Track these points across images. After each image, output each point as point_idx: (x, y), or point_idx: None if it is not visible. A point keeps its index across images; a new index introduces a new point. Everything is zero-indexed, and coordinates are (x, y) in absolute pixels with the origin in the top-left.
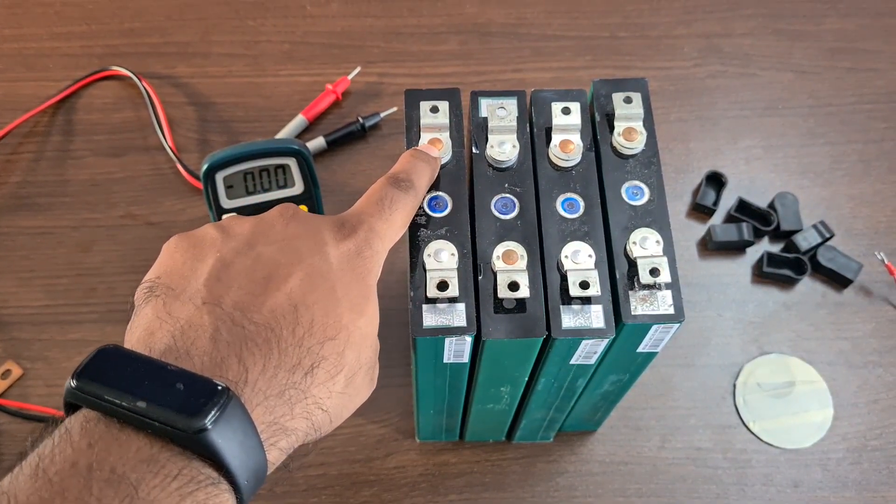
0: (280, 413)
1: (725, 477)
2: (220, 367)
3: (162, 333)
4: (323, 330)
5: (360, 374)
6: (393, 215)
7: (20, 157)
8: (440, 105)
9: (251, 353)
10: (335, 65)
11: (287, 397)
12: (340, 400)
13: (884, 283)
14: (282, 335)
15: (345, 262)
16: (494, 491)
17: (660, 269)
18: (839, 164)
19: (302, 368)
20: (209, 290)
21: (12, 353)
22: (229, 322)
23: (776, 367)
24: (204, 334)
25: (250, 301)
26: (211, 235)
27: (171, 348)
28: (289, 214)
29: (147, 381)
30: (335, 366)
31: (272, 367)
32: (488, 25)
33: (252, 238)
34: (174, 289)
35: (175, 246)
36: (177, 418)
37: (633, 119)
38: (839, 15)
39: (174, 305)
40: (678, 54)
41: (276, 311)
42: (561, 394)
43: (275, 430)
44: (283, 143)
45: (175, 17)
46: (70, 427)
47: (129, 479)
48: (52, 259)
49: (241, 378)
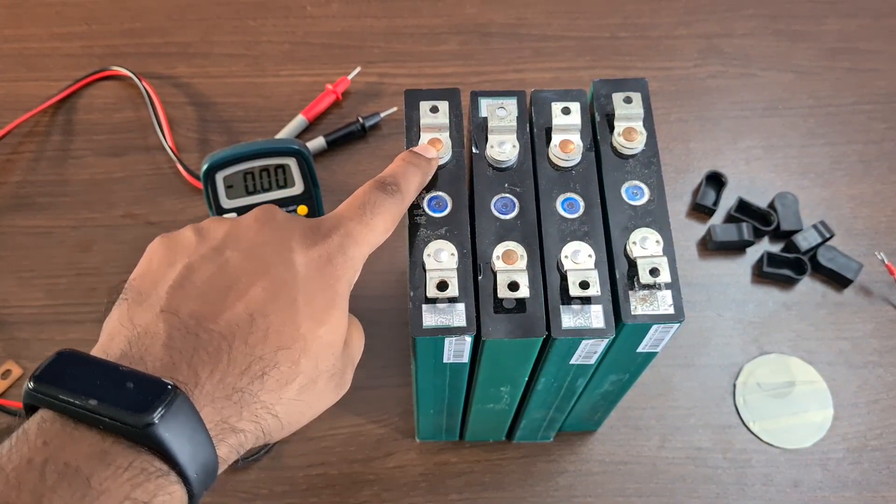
0: (228, 414)
1: (725, 477)
2: (170, 372)
3: (120, 339)
4: (278, 338)
5: (321, 382)
6: (374, 220)
7: (20, 157)
8: (440, 105)
9: (202, 359)
10: (335, 65)
11: (235, 400)
12: (295, 406)
13: (884, 283)
14: (234, 343)
15: (312, 270)
16: (494, 490)
17: (660, 269)
18: (839, 165)
19: (251, 374)
20: (169, 299)
21: (12, 353)
22: (183, 330)
23: (776, 367)
24: (158, 342)
25: (207, 311)
26: (187, 239)
27: (126, 354)
28: (264, 219)
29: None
30: (288, 374)
31: (220, 371)
32: (488, 25)
33: (223, 243)
34: (141, 293)
35: (155, 248)
36: (126, 415)
37: (633, 119)
38: (839, 15)
39: (136, 311)
40: (678, 55)
41: (232, 322)
42: (561, 394)
43: (223, 429)
44: (283, 143)
45: (175, 18)
46: (27, 428)
47: (83, 472)
48: (52, 259)
49: (190, 381)
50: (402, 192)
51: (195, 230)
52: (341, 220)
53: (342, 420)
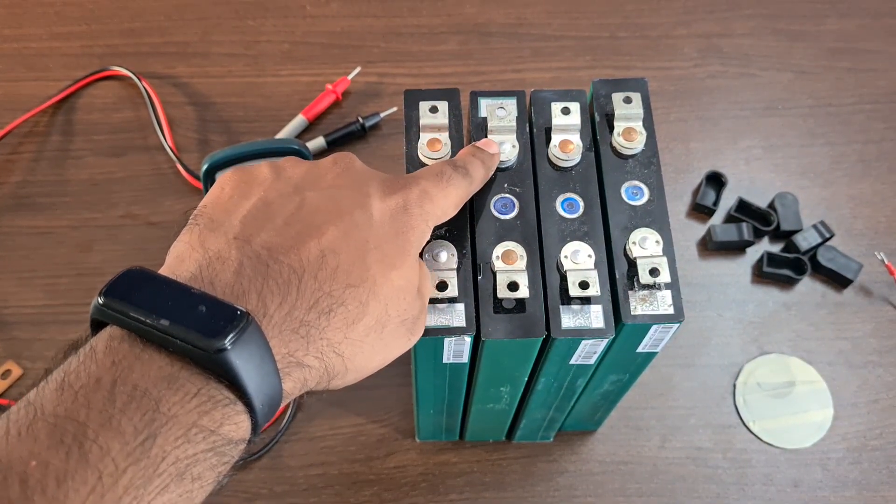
0: (294, 347)
1: (725, 477)
2: (240, 299)
3: (190, 262)
4: (347, 276)
5: (391, 326)
6: (449, 188)
7: (20, 157)
8: (439, 105)
9: (271, 290)
10: (335, 65)
11: (303, 333)
12: (361, 348)
13: (884, 283)
14: (303, 277)
15: (386, 217)
16: (494, 490)
17: (659, 269)
18: (839, 165)
19: (318, 309)
20: (243, 227)
21: (12, 353)
22: (255, 259)
23: (776, 367)
24: (229, 268)
25: (280, 243)
26: (263, 174)
27: (196, 277)
28: (343, 164)
29: (170, 302)
30: (355, 313)
31: (289, 304)
32: (488, 25)
33: (301, 183)
34: (213, 220)
35: (228, 179)
36: (197, 338)
37: (632, 119)
38: (839, 15)
39: (208, 237)
40: (678, 54)
41: (303, 256)
42: (561, 394)
43: (289, 362)
44: (283, 143)
45: (175, 17)
46: (95, 346)
47: (151, 395)
48: (52, 259)
49: (259, 311)
50: (471, 176)
51: (272, 167)
52: (419, 179)
53: (342, 420)
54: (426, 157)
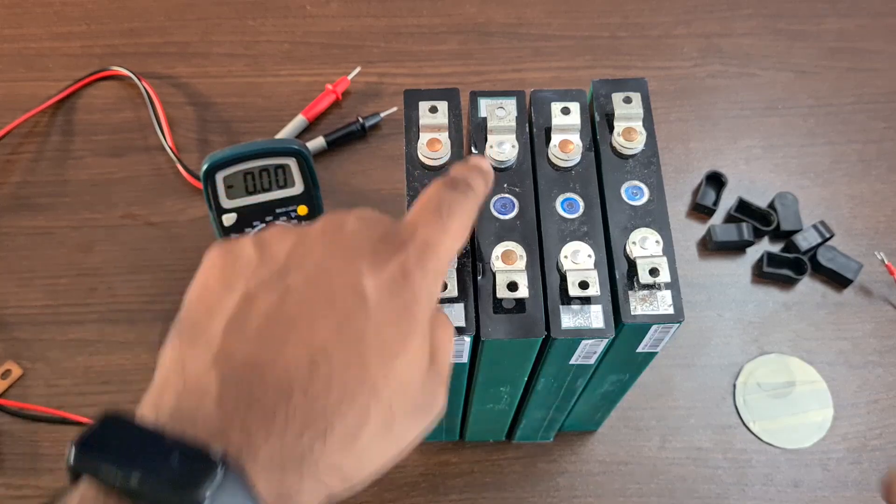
0: (288, 483)
1: (725, 477)
2: (222, 436)
3: (171, 393)
4: (342, 385)
5: (399, 422)
6: (451, 222)
7: (20, 157)
8: (439, 105)
9: (256, 418)
10: (335, 65)
11: (295, 466)
12: (366, 457)
13: (884, 283)
14: (292, 396)
15: (384, 295)
16: (495, 491)
17: (659, 269)
18: (839, 164)
19: (312, 433)
20: (225, 338)
21: (12, 353)
22: (237, 384)
23: (776, 367)
24: (209, 399)
25: (264, 356)
26: (247, 255)
27: (176, 411)
28: (331, 231)
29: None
30: (355, 424)
31: (276, 434)
32: (488, 25)
33: (286, 263)
34: (196, 326)
35: (212, 264)
36: (171, 494)
37: (632, 119)
38: (839, 15)
39: (188, 356)
40: (678, 54)
41: (291, 368)
42: (561, 394)
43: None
44: (283, 143)
45: (175, 17)
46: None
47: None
48: (52, 259)
49: (242, 448)
50: (473, 190)
51: (256, 244)
52: (416, 227)
53: None
54: (426, 157)
